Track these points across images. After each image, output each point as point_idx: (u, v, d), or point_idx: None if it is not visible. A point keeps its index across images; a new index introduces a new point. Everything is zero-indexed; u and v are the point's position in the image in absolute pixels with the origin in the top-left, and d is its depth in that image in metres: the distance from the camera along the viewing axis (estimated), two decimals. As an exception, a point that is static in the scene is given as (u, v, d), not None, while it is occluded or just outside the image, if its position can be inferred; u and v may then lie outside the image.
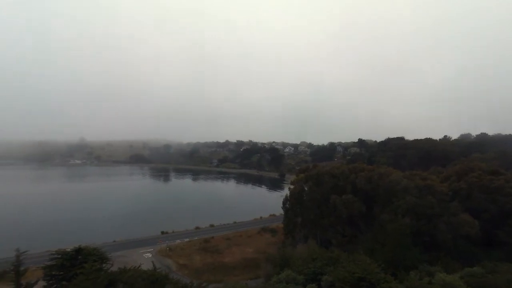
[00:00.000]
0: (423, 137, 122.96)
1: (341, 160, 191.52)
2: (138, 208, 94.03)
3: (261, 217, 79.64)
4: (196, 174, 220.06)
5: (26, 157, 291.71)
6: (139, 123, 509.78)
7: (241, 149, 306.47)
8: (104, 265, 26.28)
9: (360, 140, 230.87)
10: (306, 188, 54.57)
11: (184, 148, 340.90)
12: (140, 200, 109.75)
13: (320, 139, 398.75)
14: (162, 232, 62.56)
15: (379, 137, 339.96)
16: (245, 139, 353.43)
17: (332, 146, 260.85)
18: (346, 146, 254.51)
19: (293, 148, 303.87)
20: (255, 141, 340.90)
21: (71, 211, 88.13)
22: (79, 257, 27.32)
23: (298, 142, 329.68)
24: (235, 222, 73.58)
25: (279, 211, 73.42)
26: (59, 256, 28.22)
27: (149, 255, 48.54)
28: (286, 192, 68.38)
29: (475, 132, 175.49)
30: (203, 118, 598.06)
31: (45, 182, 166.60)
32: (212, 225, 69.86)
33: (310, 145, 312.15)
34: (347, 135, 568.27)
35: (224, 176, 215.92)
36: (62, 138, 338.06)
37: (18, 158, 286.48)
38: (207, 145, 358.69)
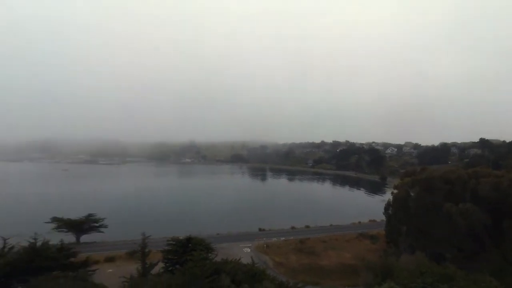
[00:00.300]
0: None
1: (457, 163, 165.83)
2: (238, 204, 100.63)
3: (359, 222, 75.34)
4: (291, 174, 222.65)
5: (148, 155, 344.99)
6: (240, 125, 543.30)
7: (338, 150, 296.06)
8: (209, 254, 29.05)
9: (482, 140, 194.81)
10: (412, 194, 49.20)
11: (279, 149, 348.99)
12: (240, 197, 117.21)
13: (429, 139, 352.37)
14: (260, 229, 65.31)
15: (508, 136, 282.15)
16: (341, 139, 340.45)
17: (444, 147, 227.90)
18: (462, 147, 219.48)
19: (396, 149, 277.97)
20: (352, 141, 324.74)
21: (183, 203, 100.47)
22: (189, 245, 30.82)
23: (402, 143, 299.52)
24: (331, 225, 71.48)
25: (379, 216, 68.25)
26: (174, 243, 32.41)
27: (248, 250, 51.24)
28: (388, 196, 63.09)
29: None
30: (298, 119, 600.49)
31: (163, 177, 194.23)
32: (307, 226, 69.49)
33: (416, 146, 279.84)
34: (464, 134, 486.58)
35: (319, 177, 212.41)
36: (176, 140, 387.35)
37: (142, 157, 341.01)
38: (302, 145, 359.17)
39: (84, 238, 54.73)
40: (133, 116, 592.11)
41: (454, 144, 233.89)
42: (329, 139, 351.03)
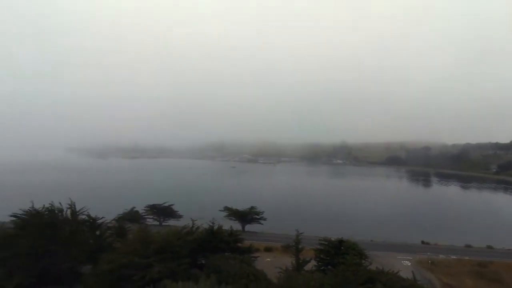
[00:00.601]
0: None
1: None
2: (395, 210, 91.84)
3: None
4: (464, 181, 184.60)
5: (301, 156, 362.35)
6: (397, 124, 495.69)
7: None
8: (363, 261, 27.71)
9: None
10: None
11: (448, 151, 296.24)
12: (397, 203, 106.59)
13: None
14: (423, 242, 57.31)
15: None
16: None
17: None
18: None
19: None
20: None
21: (333, 204, 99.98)
22: (342, 248, 30.36)
23: None
24: (528, 250, 54.92)
25: None
26: (326, 243, 32.64)
27: (408, 263, 45.83)
28: None
29: None
30: (475, 115, 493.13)
31: (315, 177, 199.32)
32: (489, 247, 55.88)
33: None
34: None
35: (508, 186, 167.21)
36: (328, 141, 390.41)
37: (295, 157, 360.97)
38: (480, 146, 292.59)
39: (247, 227, 62.51)
40: (289, 118, 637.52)
41: None
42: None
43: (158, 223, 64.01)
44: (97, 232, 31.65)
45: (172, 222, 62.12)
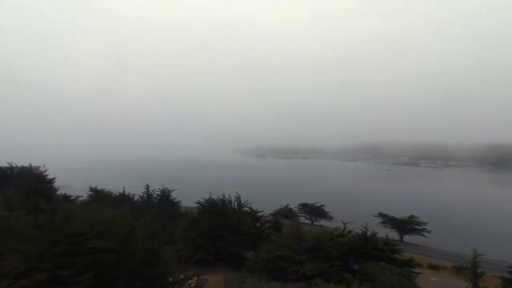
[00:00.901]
0: None
1: None
2: None
3: None
4: None
5: (479, 159, 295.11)
6: None
7: None
8: None
9: None
10: None
11: None
12: None
13: None
14: None
15: None
16: None
17: None
18: None
19: None
20: None
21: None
22: (546, 282, 22.93)
23: None
24: None
25: None
26: (519, 272, 25.46)
27: None
28: None
29: None
30: None
31: (500, 186, 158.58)
32: None
33: None
34: None
35: None
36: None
37: (470, 161, 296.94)
38: None
39: (406, 238, 55.88)
40: (459, 115, 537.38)
41: None
42: None
43: (309, 222, 65.94)
44: (257, 224, 35.49)
45: (323, 223, 62.80)
